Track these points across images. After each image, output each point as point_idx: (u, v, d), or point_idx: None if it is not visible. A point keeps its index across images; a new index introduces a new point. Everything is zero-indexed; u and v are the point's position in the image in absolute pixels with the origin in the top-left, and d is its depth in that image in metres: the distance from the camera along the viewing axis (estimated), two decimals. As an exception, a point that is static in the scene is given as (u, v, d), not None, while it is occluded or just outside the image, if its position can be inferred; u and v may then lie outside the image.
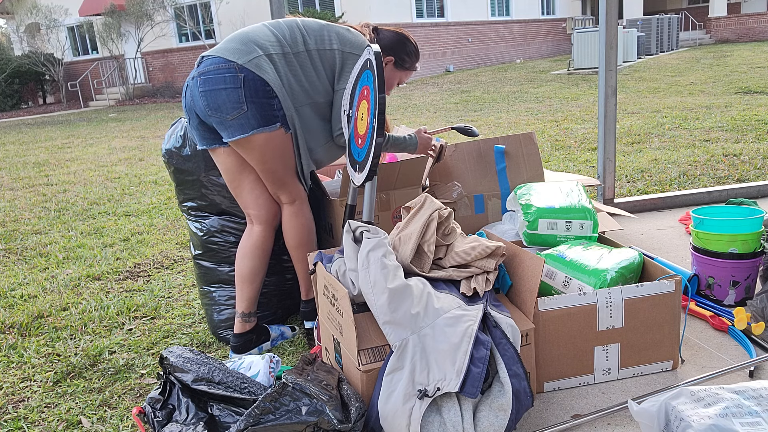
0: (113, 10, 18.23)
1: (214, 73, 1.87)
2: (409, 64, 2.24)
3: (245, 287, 2.12)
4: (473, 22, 19.27)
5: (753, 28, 20.20)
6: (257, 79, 1.88)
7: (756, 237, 2.16)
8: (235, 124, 1.90)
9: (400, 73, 2.24)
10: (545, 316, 1.73)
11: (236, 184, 2.06)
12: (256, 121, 1.90)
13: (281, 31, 1.99)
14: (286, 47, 1.97)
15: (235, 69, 1.86)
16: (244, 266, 2.11)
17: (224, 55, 1.88)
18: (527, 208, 2.20)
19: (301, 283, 2.25)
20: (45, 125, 13.51)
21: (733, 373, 1.81)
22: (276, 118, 1.93)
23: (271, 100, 1.90)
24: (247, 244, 2.11)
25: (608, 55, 3.21)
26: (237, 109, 1.87)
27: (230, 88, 1.86)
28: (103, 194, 5.36)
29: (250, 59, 1.88)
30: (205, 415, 1.55)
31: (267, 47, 1.94)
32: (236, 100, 1.87)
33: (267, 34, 1.97)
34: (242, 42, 1.92)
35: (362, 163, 2.01)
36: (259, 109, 1.89)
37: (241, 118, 1.89)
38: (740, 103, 7.60)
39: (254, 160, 1.98)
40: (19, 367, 2.28)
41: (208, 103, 1.89)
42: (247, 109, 1.88)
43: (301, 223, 2.13)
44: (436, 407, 1.50)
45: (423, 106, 10.53)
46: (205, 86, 1.88)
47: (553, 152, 5.53)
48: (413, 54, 2.24)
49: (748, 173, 4.22)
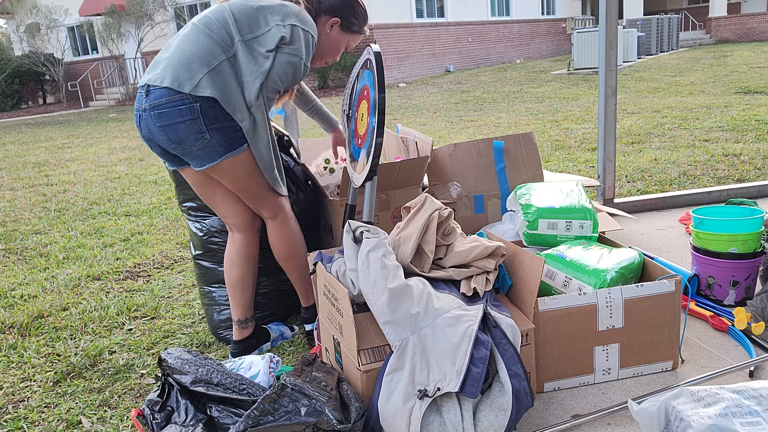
0: (113, 10, 18.23)
1: (167, 106, 1.78)
2: (357, 27, 2.09)
3: (237, 294, 2.11)
4: (473, 22, 19.27)
5: (753, 28, 20.20)
6: (214, 105, 1.79)
7: (756, 237, 2.16)
8: (202, 154, 1.84)
9: (348, 36, 2.10)
10: (545, 316, 1.73)
11: (209, 196, 2.03)
12: (222, 147, 1.83)
13: (216, 32, 1.82)
14: (227, 49, 1.81)
15: (189, 100, 1.77)
16: (232, 274, 2.10)
17: (171, 85, 1.77)
18: (527, 208, 2.20)
19: (299, 291, 2.23)
20: (45, 125, 13.51)
21: (733, 373, 1.81)
22: (242, 139, 1.86)
23: (232, 122, 1.82)
24: (232, 252, 2.10)
25: (608, 55, 3.20)
26: (200, 139, 1.81)
27: (188, 120, 1.78)
28: (103, 194, 5.36)
29: (197, 83, 1.76)
30: (204, 417, 1.54)
31: (208, 60, 1.79)
32: (197, 131, 1.79)
33: (203, 41, 1.81)
34: (183, 65, 1.78)
35: (362, 163, 2.01)
36: (223, 135, 1.82)
37: (206, 147, 1.82)
38: (740, 103, 7.60)
39: (227, 182, 1.94)
40: (19, 367, 2.28)
41: (169, 137, 1.81)
42: (211, 138, 1.81)
43: (286, 236, 2.09)
44: (436, 407, 1.50)
45: (423, 106, 10.53)
46: (161, 121, 1.79)
47: (553, 152, 5.53)
48: (361, 16, 2.09)
49: (748, 173, 4.22)
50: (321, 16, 2.01)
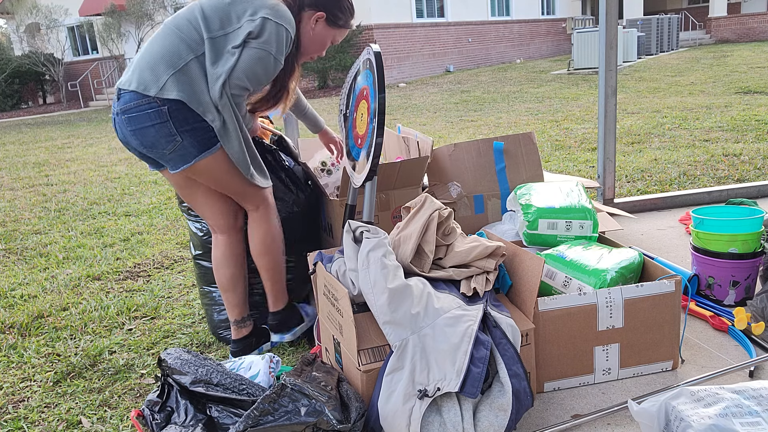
0: (113, 10, 18.24)
1: (135, 110, 1.76)
2: (343, 22, 2.03)
3: (229, 295, 2.11)
4: (473, 22, 19.27)
5: (753, 28, 20.20)
6: (182, 107, 1.75)
7: (756, 237, 2.16)
8: (176, 157, 1.82)
9: (334, 31, 2.03)
10: (545, 316, 1.73)
11: (190, 198, 2.01)
12: (195, 148, 1.81)
13: (185, 31, 1.78)
14: (195, 48, 1.77)
15: (156, 103, 1.74)
16: (221, 276, 2.09)
17: (137, 89, 1.75)
18: (527, 208, 2.20)
19: (268, 294, 2.17)
20: (45, 125, 13.51)
21: (733, 373, 1.81)
22: (215, 139, 1.83)
23: (203, 122, 1.79)
24: (218, 254, 2.08)
25: (608, 55, 3.20)
26: (171, 142, 1.78)
27: (158, 124, 1.75)
28: (103, 194, 5.36)
29: (162, 85, 1.74)
30: (204, 417, 1.54)
31: (174, 61, 1.76)
32: (168, 134, 1.77)
33: (171, 42, 1.78)
34: (149, 67, 1.76)
35: (362, 163, 2.01)
36: (194, 136, 1.79)
37: (179, 149, 1.80)
38: (740, 103, 7.60)
39: (206, 181, 1.93)
40: (19, 367, 2.28)
41: (141, 141, 1.80)
42: (182, 140, 1.78)
43: (265, 229, 2.05)
44: (436, 407, 1.50)
45: (423, 106, 10.53)
46: (131, 125, 1.78)
47: (553, 152, 5.53)
48: (347, 10, 2.03)
49: (748, 173, 4.22)
50: (305, 10, 1.95)
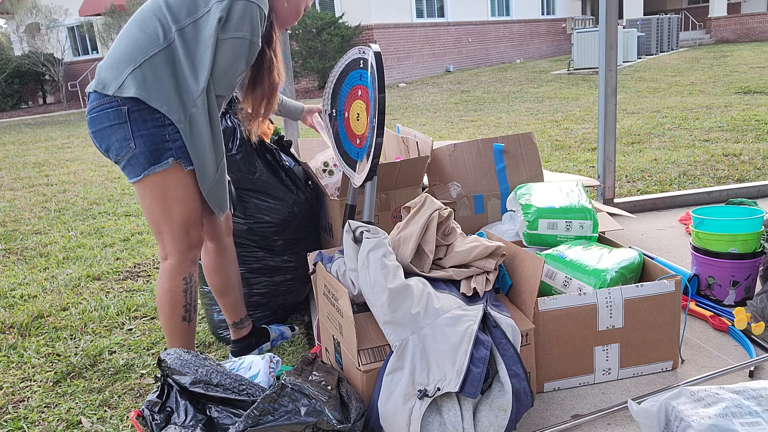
0: (113, 10, 18.24)
1: (97, 110, 1.65)
2: None
3: (225, 300, 2.08)
4: (473, 22, 19.27)
5: (753, 28, 20.20)
6: (141, 107, 1.62)
7: (756, 237, 2.16)
8: (128, 166, 1.68)
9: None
10: (545, 316, 1.73)
11: None
12: (144, 158, 1.65)
13: (149, 25, 1.66)
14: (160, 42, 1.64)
15: (117, 102, 1.62)
16: (214, 282, 2.05)
17: (97, 88, 1.65)
18: (527, 208, 2.20)
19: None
20: (45, 125, 13.51)
21: (733, 373, 1.81)
22: (168, 153, 1.66)
23: (161, 128, 1.64)
24: (208, 262, 2.03)
25: (608, 55, 3.20)
26: (125, 147, 1.64)
27: (115, 125, 1.63)
28: (103, 194, 5.37)
29: (122, 83, 1.61)
30: (204, 417, 1.54)
31: (135, 57, 1.63)
32: (123, 137, 1.63)
33: (134, 37, 1.66)
34: (111, 65, 1.65)
35: (362, 163, 2.01)
36: (146, 144, 1.64)
37: (131, 158, 1.66)
38: (740, 103, 7.60)
39: (150, 203, 1.72)
40: (19, 367, 2.28)
41: (100, 144, 1.68)
42: (135, 147, 1.64)
43: (164, 288, 1.79)
44: (436, 407, 1.50)
45: (423, 106, 10.53)
46: (92, 126, 1.67)
47: (553, 152, 5.53)
48: None
49: (748, 173, 4.22)
50: None
